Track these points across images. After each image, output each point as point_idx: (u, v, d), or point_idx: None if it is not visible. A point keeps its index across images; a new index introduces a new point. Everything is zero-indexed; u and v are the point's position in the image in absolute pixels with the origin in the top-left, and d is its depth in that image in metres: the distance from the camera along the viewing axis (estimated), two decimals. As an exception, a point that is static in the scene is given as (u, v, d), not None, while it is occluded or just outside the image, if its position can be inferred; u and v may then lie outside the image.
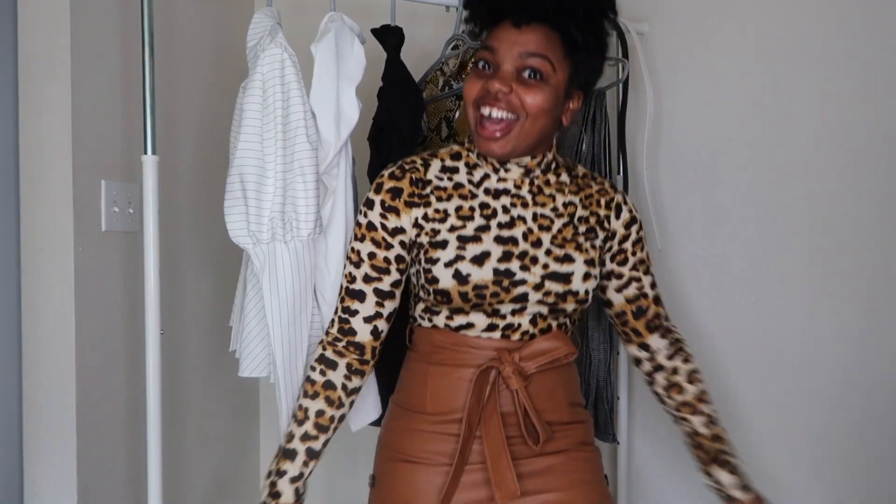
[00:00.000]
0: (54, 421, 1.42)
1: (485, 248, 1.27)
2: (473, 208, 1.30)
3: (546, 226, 1.31)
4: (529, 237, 1.29)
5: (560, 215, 1.33)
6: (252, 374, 1.43)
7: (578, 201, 1.35)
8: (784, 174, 1.83)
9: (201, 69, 1.83)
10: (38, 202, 1.41)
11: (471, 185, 1.32)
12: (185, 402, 1.78)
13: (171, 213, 1.64)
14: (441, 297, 1.26)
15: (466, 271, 1.25)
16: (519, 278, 1.27)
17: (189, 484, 1.80)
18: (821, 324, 1.81)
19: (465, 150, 1.35)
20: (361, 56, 1.40)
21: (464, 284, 1.25)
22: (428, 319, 1.32)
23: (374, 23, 1.60)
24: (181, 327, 1.75)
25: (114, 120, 1.51)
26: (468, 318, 1.28)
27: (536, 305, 1.28)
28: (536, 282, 1.27)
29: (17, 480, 1.43)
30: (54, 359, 1.41)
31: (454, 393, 1.28)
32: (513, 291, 1.26)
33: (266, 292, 1.37)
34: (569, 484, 1.29)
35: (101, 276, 1.47)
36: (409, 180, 1.30)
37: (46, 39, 1.39)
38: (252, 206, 1.36)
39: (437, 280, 1.26)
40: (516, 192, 1.32)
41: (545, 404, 1.30)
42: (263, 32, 1.43)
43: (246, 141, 1.36)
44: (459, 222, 1.28)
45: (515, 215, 1.30)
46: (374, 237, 1.30)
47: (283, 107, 1.36)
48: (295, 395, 1.40)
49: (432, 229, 1.28)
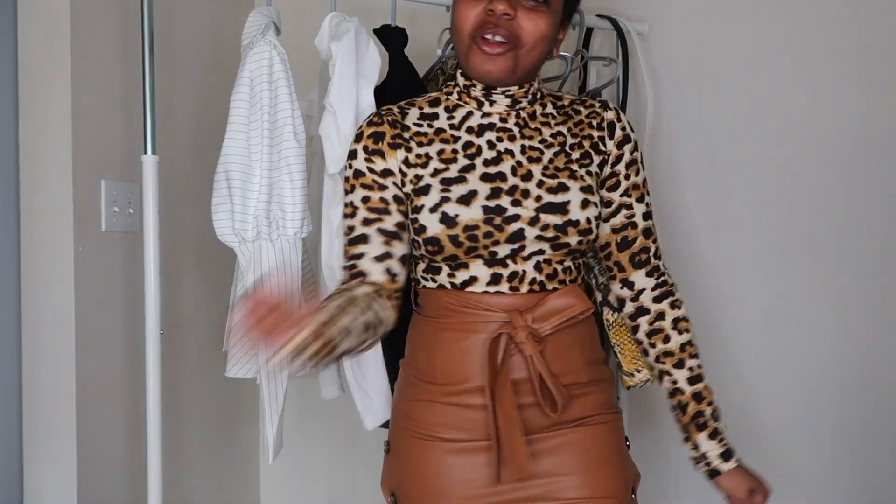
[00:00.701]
0: (54, 421, 1.42)
1: (470, 187, 1.19)
2: (456, 150, 1.22)
3: (536, 157, 1.22)
4: (518, 170, 1.21)
5: (550, 146, 1.24)
6: (238, 375, 1.42)
7: (567, 130, 1.26)
8: (784, 174, 1.83)
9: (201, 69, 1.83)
10: (38, 202, 1.41)
11: (452, 128, 1.24)
12: (184, 402, 1.77)
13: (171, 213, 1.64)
14: (432, 246, 1.18)
15: (453, 212, 1.17)
16: (511, 214, 1.17)
17: (189, 484, 1.80)
18: (823, 324, 1.81)
19: (444, 95, 1.28)
20: (377, 56, 1.41)
21: (452, 227, 1.16)
22: (431, 279, 1.23)
23: (374, 23, 1.60)
24: (181, 327, 1.75)
25: (114, 120, 1.51)
26: (469, 272, 1.19)
27: (536, 242, 1.18)
28: (531, 216, 1.18)
29: (17, 480, 1.43)
30: (54, 359, 1.41)
31: (465, 362, 1.19)
32: (506, 229, 1.17)
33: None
34: (587, 466, 1.20)
35: (101, 276, 1.47)
36: (388, 123, 1.24)
37: (46, 40, 1.39)
38: (237, 205, 1.36)
39: (424, 228, 1.17)
40: (502, 125, 1.24)
41: (562, 366, 1.20)
42: (257, 31, 1.43)
43: (232, 139, 1.36)
44: (442, 165, 1.21)
45: (502, 149, 1.22)
46: (364, 182, 1.22)
47: (270, 105, 1.36)
48: (279, 396, 1.39)
49: (415, 175, 1.21)
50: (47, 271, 1.41)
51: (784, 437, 1.84)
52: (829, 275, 1.80)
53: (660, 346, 1.28)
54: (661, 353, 1.28)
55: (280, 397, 1.40)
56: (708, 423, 1.25)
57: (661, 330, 1.29)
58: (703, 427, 1.25)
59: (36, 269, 1.42)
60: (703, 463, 1.26)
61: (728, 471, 1.25)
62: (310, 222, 1.40)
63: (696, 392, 1.26)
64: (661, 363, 1.29)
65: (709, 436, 1.25)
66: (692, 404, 1.26)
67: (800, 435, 1.83)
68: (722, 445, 1.26)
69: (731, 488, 1.26)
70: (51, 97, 1.39)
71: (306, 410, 2.14)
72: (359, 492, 2.18)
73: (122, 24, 1.53)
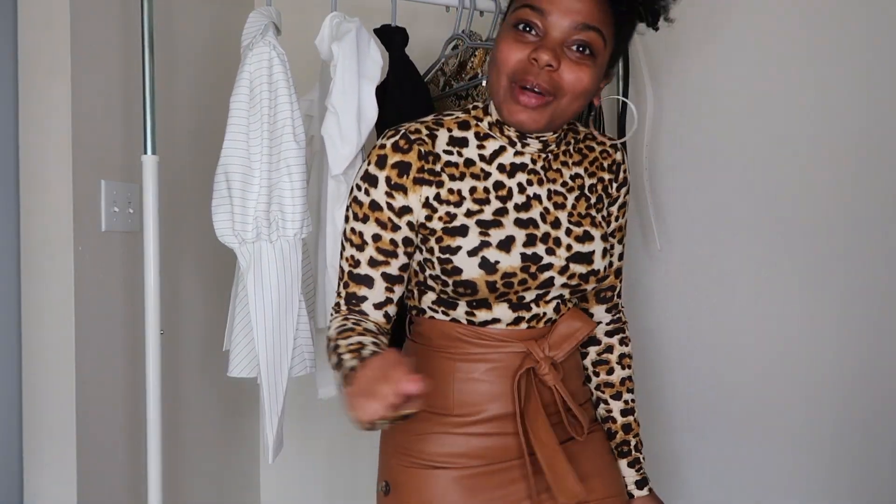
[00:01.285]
0: (54, 421, 1.42)
1: (508, 232, 1.15)
2: (488, 189, 1.17)
3: (561, 203, 1.20)
4: (547, 217, 1.18)
5: (571, 189, 1.22)
6: (240, 375, 1.42)
7: (584, 171, 1.25)
8: (784, 174, 1.83)
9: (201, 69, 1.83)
10: (38, 202, 1.41)
11: (482, 161, 1.18)
12: (184, 402, 1.77)
13: (171, 213, 1.64)
14: (464, 288, 1.14)
15: (494, 259, 1.13)
16: (546, 262, 1.16)
17: (189, 484, 1.80)
18: (823, 324, 1.81)
19: (473, 119, 1.21)
20: (378, 56, 1.40)
21: (492, 273, 1.13)
22: (443, 313, 1.20)
23: (374, 23, 1.60)
24: (181, 327, 1.75)
25: (114, 120, 1.51)
26: (492, 314, 1.18)
27: (560, 289, 1.19)
28: (562, 265, 1.17)
29: (17, 480, 1.43)
30: (54, 359, 1.41)
31: (483, 392, 1.18)
32: (539, 277, 1.16)
33: (251, 292, 1.36)
34: (596, 470, 1.25)
35: (101, 276, 1.47)
36: (416, 154, 1.15)
37: (46, 39, 1.39)
38: (237, 206, 1.36)
39: (459, 270, 1.13)
40: (532, 166, 1.20)
41: (571, 388, 1.24)
42: (257, 32, 1.43)
43: (232, 140, 1.36)
44: (475, 206, 1.15)
45: (531, 194, 1.18)
46: (380, 218, 1.15)
47: (269, 105, 1.36)
48: (279, 396, 1.38)
49: (447, 213, 1.15)
50: (47, 271, 1.41)
51: (784, 438, 1.84)
52: (829, 275, 1.80)
53: (602, 377, 1.34)
54: (603, 384, 1.34)
55: (280, 397, 1.40)
56: (631, 452, 1.33)
57: (606, 362, 1.34)
58: (626, 455, 1.33)
59: (36, 269, 1.42)
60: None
61: (640, 497, 1.32)
62: (310, 223, 1.40)
63: (626, 424, 1.33)
64: (600, 391, 1.34)
65: (628, 464, 1.33)
66: (620, 434, 1.33)
67: (800, 435, 1.83)
68: (639, 474, 1.33)
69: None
70: (51, 97, 1.39)
71: (306, 410, 2.14)
72: (359, 492, 2.18)
73: (122, 24, 1.53)
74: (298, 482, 2.22)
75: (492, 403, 1.19)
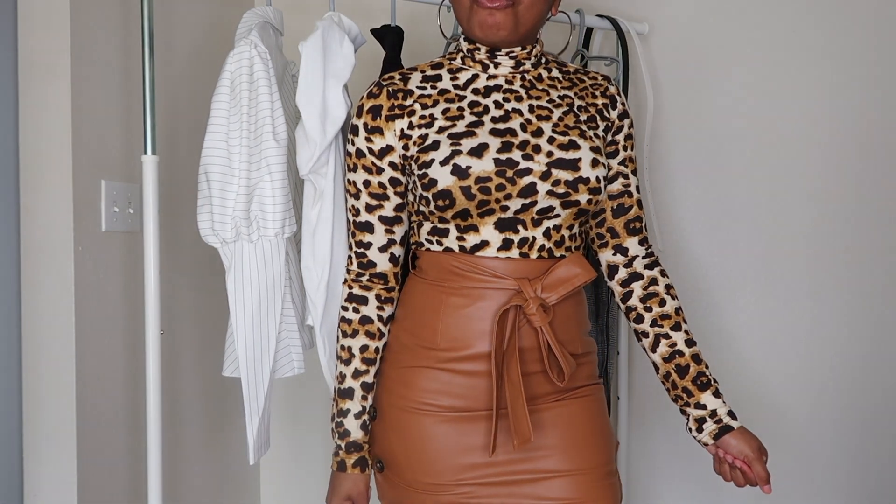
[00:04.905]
0: (54, 421, 1.42)
1: (481, 140, 1.19)
2: (462, 108, 1.23)
3: (545, 115, 1.24)
4: (528, 127, 1.22)
5: (558, 105, 1.26)
6: (234, 374, 1.42)
7: (574, 94, 1.28)
8: (784, 174, 1.83)
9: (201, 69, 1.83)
10: (38, 202, 1.41)
11: (456, 89, 1.25)
12: (185, 402, 1.77)
13: (171, 213, 1.64)
14: (443, 200, 1.18)
15: (466, 164, 1.17)
16: (523, 167, 1.18)
17: (189, 483, 1.80)
18: (824, 324, 1.81)
19: (447, 60, 1.29)
20: (350, 54, 1.38)
21: (465, 178, 1.17)
22: (437, 242, 1.24)
23: (374, 23, 1.60)
24: (181, 327, 1.75)
25: (114, 120, 1.51)
26: (480, 236, 1.20)
27: (547, 199, 1.19)
28: (542, 170, 1.19)
29: (17, 480, 1.43)
30: (54, 359, 1.41)
31: (470, 328, 1.20)
32: (518, 182, 1.18)
33: (231, 292, 1.35)
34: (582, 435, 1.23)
35: (101, 276, 1.47)
36: (386, 94, 1.25)
37: (46, 39, 1.39)
38: (216, 206, 1.35)
39: (434, 182, 1.18)
40: (508, 87, 1.25)
41: (564, 336, 1.23)
42: None
43: (211, 139, 1.35)
44: (448, 122, 1.22)
45: (510, 108, 1.23)
46: (365, 164, 1.26)
47: (249, 104, 1.35)
48: (259, 396, 1.38)
49: (420, 136, 1.22)
50: (47, 271, 1.41)
51: (784, 438, 1.84)
52: (830, 275, 1.80)
53: (657, 310, 1.30)
54: (659, 317, 1.29)
55: (261, 397, 1.39)
56: (710, 381, 1.27)
57: (656, 294, 1.30)
58: (707, 386, 1.27)
59: (36, 268, 1.42)
60: (713, 421, 1.26)
61: (738, 428, 1.25)
62: (293, 223, 1.39)
63: (695, 354, 1.28)
64: (658, 326, 1.29)
65: (713, 394, 1.27)
66: (693, 365, 1.27)
67: (800, 435, 1.84)
68: (727, 405, 1.27)
69: (740, 446, 1.25)
70: (51, 97, 1.39)
71: (306, 410, 2.14)
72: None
73: (122, 24, 1.53)
74: (298, 482, 2.22)
75: (478, 340, 1.20)
